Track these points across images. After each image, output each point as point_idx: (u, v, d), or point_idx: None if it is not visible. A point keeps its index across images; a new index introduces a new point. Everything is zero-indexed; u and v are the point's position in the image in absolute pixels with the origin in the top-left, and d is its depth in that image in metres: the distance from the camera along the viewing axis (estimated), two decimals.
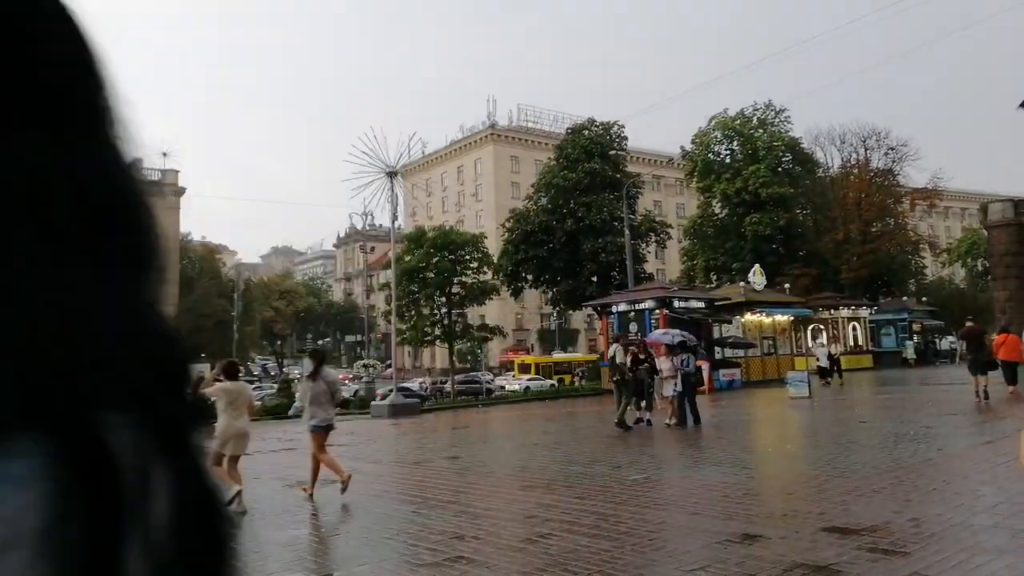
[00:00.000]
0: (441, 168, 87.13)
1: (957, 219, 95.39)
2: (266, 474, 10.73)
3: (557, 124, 72.14)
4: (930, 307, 45.49)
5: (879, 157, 48.75)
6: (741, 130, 46.28)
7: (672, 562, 4.89)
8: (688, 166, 49.02)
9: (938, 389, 20.66)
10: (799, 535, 5.39)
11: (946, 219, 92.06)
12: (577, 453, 11.30)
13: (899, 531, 5.33)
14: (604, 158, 42.84)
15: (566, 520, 6.36)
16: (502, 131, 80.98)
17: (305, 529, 6.59)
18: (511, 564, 5.10)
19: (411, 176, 63.11)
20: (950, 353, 45.08)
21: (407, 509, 7.42)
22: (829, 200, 46.98)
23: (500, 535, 6.02)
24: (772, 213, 43.39)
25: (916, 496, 6.58)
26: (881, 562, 4.60)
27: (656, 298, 26.55)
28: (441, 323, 31.49)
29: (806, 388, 18.77)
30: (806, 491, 7.00)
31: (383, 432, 17.61)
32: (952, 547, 4.82)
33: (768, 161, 44.44)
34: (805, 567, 4.56)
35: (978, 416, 13.30)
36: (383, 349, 68.49)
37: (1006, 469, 7.43)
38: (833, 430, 12.57)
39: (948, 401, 16.32)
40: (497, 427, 18.29)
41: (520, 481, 9.15)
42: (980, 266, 58.76)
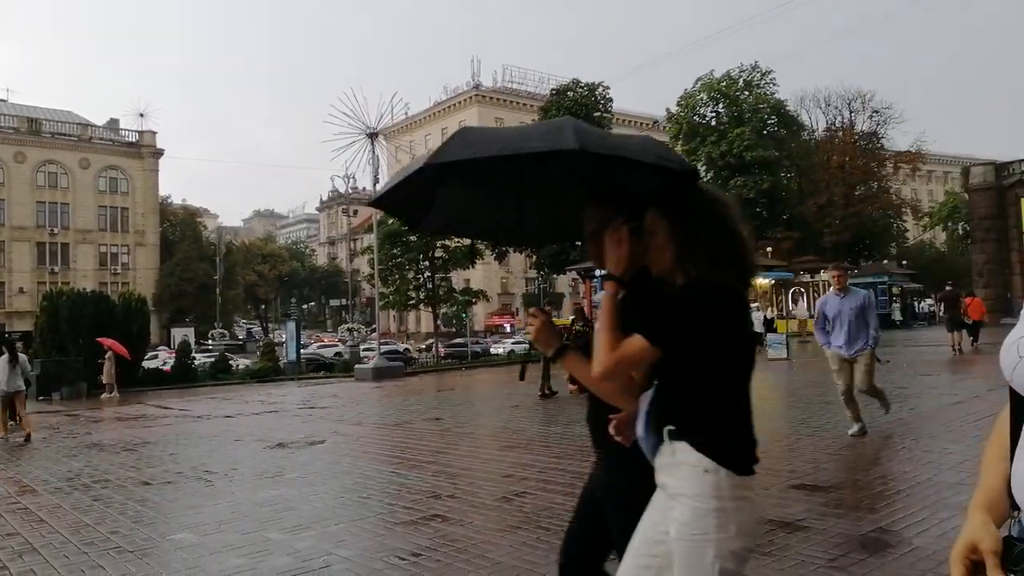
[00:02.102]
0: (424, 130, 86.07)
1: (940, 183, 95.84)
2: (247, 435, 10.77)
3: (542, 85, 71.32)
4: (910, 270, 45.98)
5: (864, 120, 48.73)
6: (727, 92, 45.98)
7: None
8: (673, 129, 48.72)
9: (915, 351, 20.98)
10: (769, 492, 5.48)
11: (929, 183, 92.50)
12: (556, 414, 11.40)
13: (867, 488, 5.44)
14: (589, 120, 42.44)
15: (542, 479, 6.44)
16: (486, 92, 79.95)
17: (283, 489, 6.62)
18: (485, 521, 5.17)
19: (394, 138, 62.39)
20: (928, 316, 45.79)
21: (386, 470, 7.49)
22: (813, 163, 47.02)
23: (476, 494, 6.08)
24: (756, 176, 43.39)
25: (886, 455, 6.71)
26: (847, 518, 4.70)
27: None
28: (425, 287, 31.43)
29: (784, 350, 19.01)
30: (778, 450, 7.11)
31: (366, 395, 17.68)
32: (917, 504, 4.92)
33: (753, 124, 44.29)
34: (773, 523, 4.64)
35: (951, 376, 13.55)
36: (368, 313, 68.38)
37: (975, 428, 7.59)
38: (808, 391, 12.73)
39: (923, 362, 16.60)
40: (480, 389, 18.40)
41: (499, 441, 9.24)
42: (961, 230, 59.28)
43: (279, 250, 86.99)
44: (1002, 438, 1.20)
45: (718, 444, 1.73)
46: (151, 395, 21.76)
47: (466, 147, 1.84)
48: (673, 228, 1.81)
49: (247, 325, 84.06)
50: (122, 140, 62.21)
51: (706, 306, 1.74)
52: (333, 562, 4.40)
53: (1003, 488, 1.14)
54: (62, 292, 26.54)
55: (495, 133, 1.98)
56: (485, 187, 2.18)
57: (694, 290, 1.76)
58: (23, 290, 55.46)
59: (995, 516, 1.15)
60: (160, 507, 6.31)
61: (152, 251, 61.04)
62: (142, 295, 29.53)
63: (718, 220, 1.83)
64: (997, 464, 1.19)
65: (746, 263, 1.84)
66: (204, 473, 7.74)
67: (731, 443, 1.75)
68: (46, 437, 12.18)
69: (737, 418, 1.80)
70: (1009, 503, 1.13)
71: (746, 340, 1.84)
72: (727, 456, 1.72)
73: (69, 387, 22.17)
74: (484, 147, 1.86)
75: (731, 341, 1.77)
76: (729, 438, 1.76)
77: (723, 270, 1.78)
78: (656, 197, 1.86)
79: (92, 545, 5.09)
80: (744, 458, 1.77)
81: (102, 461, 9.03)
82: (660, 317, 1.75)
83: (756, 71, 46.99)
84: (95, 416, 16.13)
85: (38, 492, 7.21)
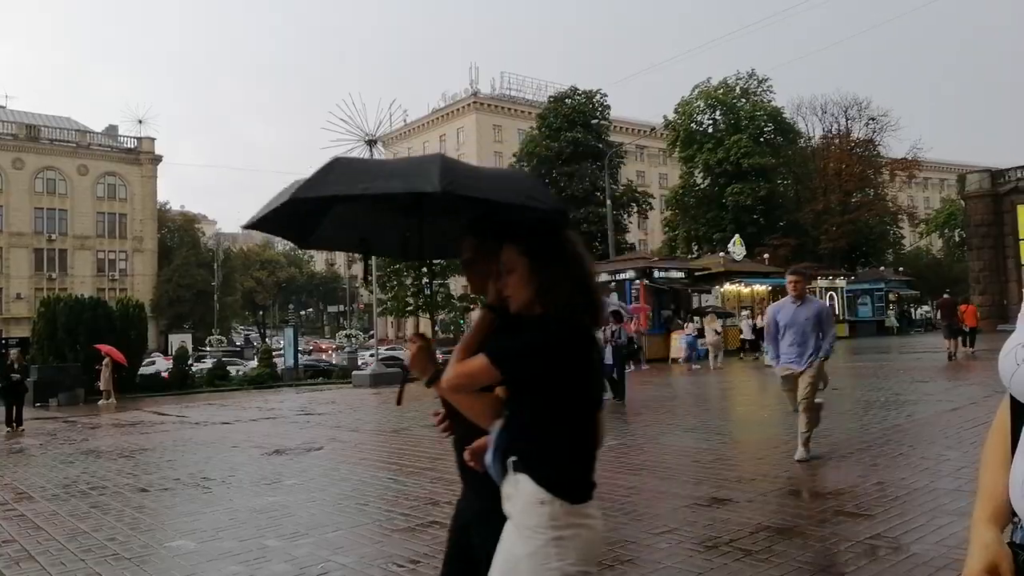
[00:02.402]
0: (423, 137, 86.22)
1: (936, 190, 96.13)
2: (245, 442, 10.75)
3: (540, 93, 71.45)
4: (907, 277, 46.07)
5: (860, 127, 48.95)
6: (724, 99, 46.17)
7: (641, 525, 4.97)
8: (671, 136, 48.92)
9: (911, 357, 21.03)
10: (766, 498, 5.49)
11: (925, 190, 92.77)
12: None
13: (864, 495, 5.45)
14: (586, 127, 42.66)
15: None
16: (484, 99, 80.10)
17: (280, 496, 6.61)
18: None
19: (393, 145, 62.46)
20: (924, 322, 45.87)
21: (384, 476, 7.48)
22: (810, 170, 47.19)
23: None
24: (753, 183, 43.52)
25: (883, 461, 6.71)
26: (845, 524, 4.70)
27: (636, 268, 26.66)
28: (422, 293, 31.43)
29: None
30: (776, 456, 7.12)
31: (364, 401, 17.65)
32: (915, 510, 4.93)
33: (750, 131, 44.46)
34: (770, 529, 4.65)
35: (947, 383, 13.57)
36: (366, 319, 68.31)
37: (972, 434, 7.60)
38: None
39: (920, 369, 16.63)
40: None
41: None
42: (957, 236, 59.42)
43: (277, 256, 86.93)
44: (1001, 445, 1.19)
45: (554, 476, 1.79)
46: (148, 401, 21.70)
47: (330, 183, 1.88)
48: (532, 267, 1.87)
49: (245, 331, 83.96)
50: (121, 147, 62.19)
51: (554, 340, 1.81)
52: (331, 569, 4.40)
53: (1007, 497, 1.13)
54: (60, 298, 26.51)
55: (364, 168, 1.98)
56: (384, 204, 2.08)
57: (545, 323, 1.83)
58: (20, 296, 55.36)
59: (1003, 526, 1.13)
60: (157, 514, 6.29)
61: (150, 257, 60.97)
62: (140, 301, 29.50)
63: (573, 261, 1.91)
64: (998, 472, 1.17)
65: (597, 302, 1.93)
66: (202, 480, 7.73)
67: (567, 475, 1.81)
68: (43, 443, 12.15)
69: (577, 451, 1.85)
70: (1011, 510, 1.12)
71: (592, 376, 1.90)
72: (562, 487, 1.79)
73: (66, 393, 22.10)
74: (348, 184, 1.89)
75: (576, 376, 1.83)
76: (566, 470, 1.81)
77: (577, 308, 1.85)
78: (514, 234, 1.91)
79: (89, 552, 5.08)
80: (579, 488, 1.83)
81: (99, 468, 9.01)
82: (506, 342, 1.84)
83: (753, 79, 47.23)
84: (92, 422, 16.09)
85: (35, 499, 7.18)
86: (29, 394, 18.71)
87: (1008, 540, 1.11)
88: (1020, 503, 1.10)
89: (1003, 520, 1.13)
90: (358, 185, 1.87)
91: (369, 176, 1.92)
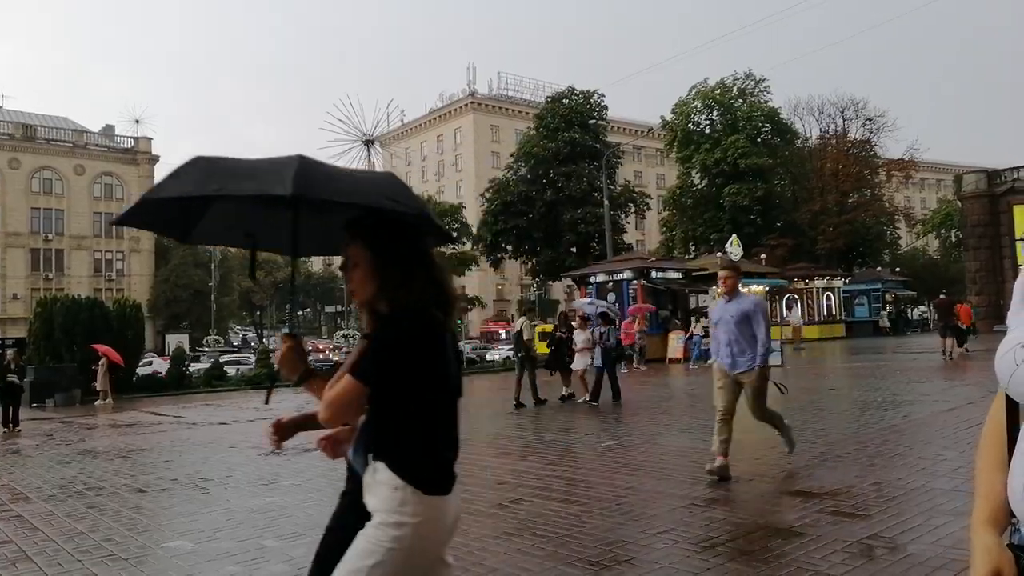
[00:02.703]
0: (420, 137, 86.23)
1: (932, 190, 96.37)
2: (242, 442, 10.74)
3: (537, 93, 71.51)
4: (903, 277, 46.16)
5: (857, 128, 49.09)
6: (721, 100, 46.24)
7: (638, 525, 4.98)
8: (668, 136, 48.98)
9: (907, 357, 21.07)
10: (763, 499, 5.50)
11: (922, 190, 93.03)
12: (552, 420, 11.40)
13: (861, 495, 5.45)
14: (584, 127, 42.66)
15: (537, 486, 6.44)
16: (482, 99, 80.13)
17: (278, 496, 6.61)
18: (480, 528, 5.16)
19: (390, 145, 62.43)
20: (921, 322, 45.97)
21: None
22: (807, 171, 47.28)
23: (471, 501, 6.08)
24: (750, 184, 43.58)
25: (880, 461, 6.73)
26: (842, 525, 4.71)
27: (634, 268, 26.68)
28: None
29: (779, 356, 19.03)
30: (773, 456, 7.13)
31: None
32: (912, 510, 4.94)
33: (747, 131, 44.53)
34: (767, 529, 4.66)
35: (943, 383, 13.60)
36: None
37: (968, 434, 7.62)
38: (803, 397, 12.76)
39: (916, 369, 16.67)
40: (475, 396, 18.40)
41: (494, 448, 9.24)
42: (954, 237, 59.57)
43: (275, 256, 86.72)
44: (996, 446, 1.19)
45: (409, 465, 1.83)
46: (145, 402, 21.66)
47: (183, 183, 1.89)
48: (375, 263, 1.91)
49: (243, 332, 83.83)
50: (117, 146, 62.10)
51: (404, 336, 1.84)
52: None
53: (1006, 499, 1.12)
54: (56, 298, 26.44)
55: (222, 167, 1.96)
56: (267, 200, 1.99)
57: (393, 320, 1.87)
58: (17, 296, 55.26)
59: (1003, 529, 1.13)
60: (155, 514, 6.29)
61: (147, 257, 60.86)
62: (137, 301, 29.42)
63: (419, 258, 1.94)
64: (995, 474, 1.16)
65: (446, 294, 1.96)
66: (199, 480, 7.72)
67: (423, 464, 1.85)
68: (39, 444, 12.13)
69: (432, 442, 1.89)
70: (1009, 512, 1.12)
71: (445, 367, 1.91)
72: (416, 476, 1.82)
73: (63, 394, 22.04)
74: (200, 185, 1.89)
75: (427, 369, 1.85)
76: (422, 460, 1.85)
77: (425, 303, 1.89)
78: (361, 230, 1.93)
79: (86, 553, 5.07)
80: (434, 479, 1.86)
81: (96, 468, 8.99)
82: (366, 355, 1.86)
83: (750, 79, 47.30)
84: (89, 423, 16.06)
85: (32, 499, 7.17)
86: (26, 395, 18.68)
87: (1008, 542, 1.11)
88: (1020, 506, 1.09)
89: (1003, 523, 1.13)
90: (211, 186, 1.88)
91: (224, 177, 1.91)
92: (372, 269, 1.91)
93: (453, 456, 1.95)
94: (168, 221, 2.27)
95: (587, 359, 13.24)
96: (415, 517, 1.81)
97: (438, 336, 1.88)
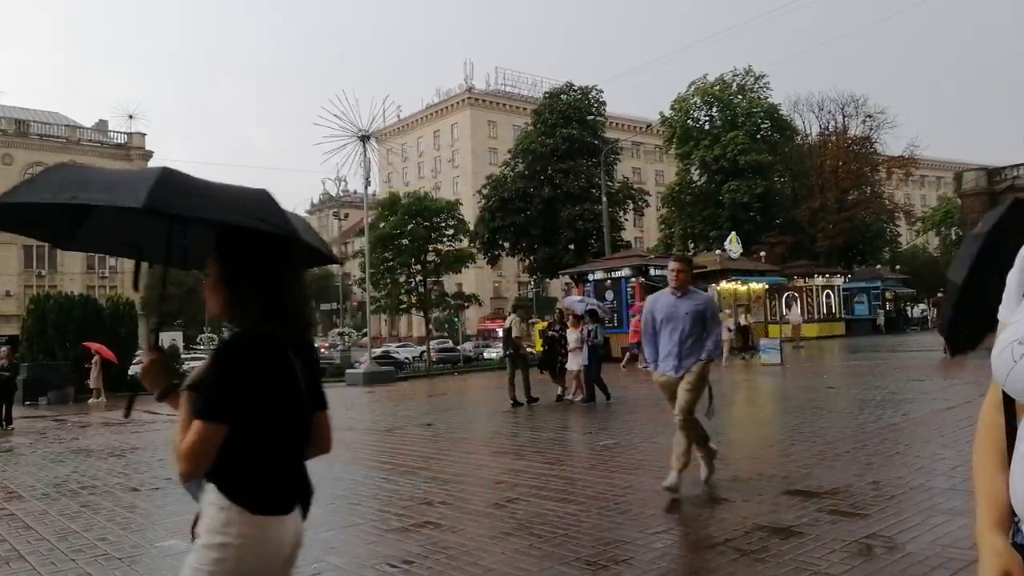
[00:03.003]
0: (417, 133, 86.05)
1: (932, 188, 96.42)
2: None
3: (535, 88, 71.31)
4: (903, 275, 46.15)
5: (857, 124, 49.00)
6: (720, 96, 46.18)
7: (636, 525, 4.94)
8: (667, 132, 48.89)
9: (907, 356, 21.07)
10: (762, 498, 5.47)
11: (922, 187, 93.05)
12: (549, 419, 11.37)
13: (860, 494, 5.42)
14: (582, 123, 42.55)
15: (534, 485, 6.41)
16: (479, 95, 79.94)
17: None
18: (477, 528, 5.13)
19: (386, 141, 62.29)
20: (921, 320, 46.00)
21: (377, 476, 7.44)
22: (807, 168, 47.21)
23: (468, 500, 6.05)
24: (750, 180, 43.53)
25: (878, 460, 6.70)
26: (840, 524, 4.68)
27: (632, 266, 26.65)
28: (416, 291, 31.36)
29: (778, 355, 19.03)
30: (771, 455, 7.10)
31: (357, 400, 17.61)
32: (910, 509, 4.91)
33: (747, 128, 44.47)
34: (766, 529, 4.63)
35: (943, 381, 13.58)
36: (359, 317, 68.22)
37: (967, 433, 7.59)
38: (802, 396, 12.76)
39: (915, 367, 16.66)
40: (472, 395, 18.37)
41: (491, 447, 9.21)
42: (954, 235, 59.61)
43: None
44: (994, 447, 1.18)
45: (235, 484, 1.78)
46: (139, 400, 21.57)
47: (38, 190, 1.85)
48: (222, 278, 1.88)
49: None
50: (111, 142, 61.89)
51: (232, 355, 1.80)
52: (324, 569, 4.36)
53: (1007, 499, 1.12)
54: (49, 296, 26.38)
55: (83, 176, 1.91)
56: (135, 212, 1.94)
57: (225, 343, 1.85)
58: (10, 293, 55.11)
59: (1008, 530, 1.12)
60: (148, 513, 6.24)
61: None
62: (130, 299, 29.36)
63: (269, 273, 1.89)
64: (996, 475, 1.16)
65: (291, 312, 1.90)
66: None
67: (249, 483, 1.80)
68: (33, 442, 12.07)
69: (262, 461, 1.83)
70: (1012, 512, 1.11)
71: (286, 385, 1.85)
72: (243, 495, 1.78)
73: (56, 392, 22.01)
74: (56, 192, 1.85)
75: (258, 388, 1.80)
76: (247, 479, 1.80)
77: (266, 319, 1.84)
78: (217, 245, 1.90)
79: (80, 552, 5.03)
80: (264, 499, 1.81)
81: (89, 467, 8.95)
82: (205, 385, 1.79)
83: (750, 75, 47.23)
84: (82, 421, 16.01)
85: (25, 498, 7.13)
86: (18, 392, 18.61)
87: (1011, 542, 1.10)
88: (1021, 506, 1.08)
89: (1007, 524, 1.12)
90: (65, 193, 1.84)
91: (79, 186, 1.87)
92: (218, 285, 1.89)
93: (293, 475, 1.90)
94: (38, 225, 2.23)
95: (581, 358, 13.19)
96: (239, 538, 1.75)
97: (275, 355, 1.82)
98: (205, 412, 1.75)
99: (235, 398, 1.76)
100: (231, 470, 1.78)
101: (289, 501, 1.88)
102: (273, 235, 1.85)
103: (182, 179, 1.84)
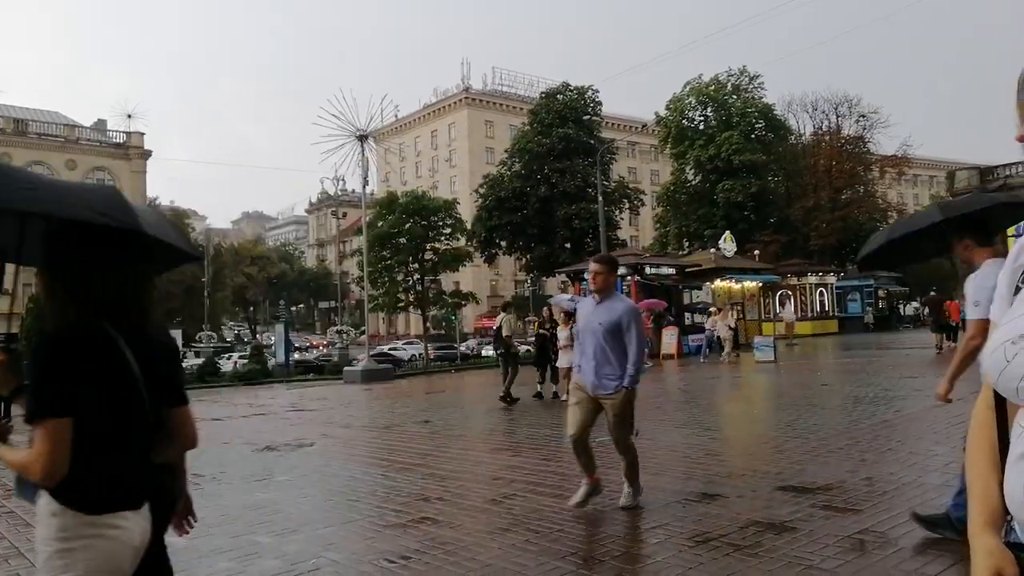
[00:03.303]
0: (415, 132, 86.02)
1: (925, 187, 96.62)
2: (236, 439, 10.71)
3: (532, 88, 71.34)
4: (896, 274, 46.28)
5: (850, 124, 49.11)
6: (715, 96, 46.24)
7: (631, 520, 5.00)
8: (662, 132, 48.94)
9: (900, 353, 21.17)
10: (756, 494, 5.53)
11: (915, 186, 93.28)
12: (546, 416, 11.41)
13: (853, 490, 5.49)
14: (578, 123, 42.65)
15: (531, 481, 6.46)
16: (476, 95, 79.93)
17: (271, 492, 6.60)
18: (475, 524, 5.17)
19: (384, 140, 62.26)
20: (913, 319, 46.18)
21: (375, 472, 7.48)
22: (800, 167, 47.33)
23: (466, 496, 6.09)
24: (744, 180, 43.61)
25: (871, 456, 6.76)
26: (834, 519, 4.74)
27: (628, 265, 26.67)
28: (414, 289, 31.38)
29: (772, 352, 19.12)
30: (765, 452, 7.16)
31: (356, 397, 17.63)
32: (903, 505, 4.97)
33: (741, 128, 44.53)
34: (760, 524, 4.68)
35: (935, 378, 13.63)
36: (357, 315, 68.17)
37: (960, 430, 7.64)
38: (795, 393, 12.83)
39: (908, 364, 16.76)
40: (470, 392, 18.41)
41: (488, 444, 9.26)
42: None
43: (268, 252, 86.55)
44: (986, 446, 1.18)
45: (66, 487, 1.72)
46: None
47: None
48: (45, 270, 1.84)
49: (236, 327, 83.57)
50: (109, 141, 61.71)
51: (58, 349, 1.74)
52: (322, 565, 4.40)
53: (1000, 499, 1.12)
54: None
55: None
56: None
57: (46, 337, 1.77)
58: (8, 291, 54.90)
59: (1000, 529, 1.13)
60: None
61: None
62: None
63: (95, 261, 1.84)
64: (989, 474, 1.16)
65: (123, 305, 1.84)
66: (192, 476, 7.63)
67: (79, 485, 1.73)
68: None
69: (93, 459, 1.75)
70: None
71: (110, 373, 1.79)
72: (74, 498, 1.72)
73: None
74: None
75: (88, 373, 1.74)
76: (82, 480, 1.73)
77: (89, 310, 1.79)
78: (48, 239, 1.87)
79: None
80: (96, 498, 1.75)
81: None
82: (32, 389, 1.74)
83: (744, 75, 47.30)
84: None
85: None
86: None
87: (1004, 541, 1.11)
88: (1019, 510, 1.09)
89: (999, 523, 1.12)
90: None
91: None
92: (42, 276, 1.85)
93: (137, 470, 1.83)
94: None
95: (571, 356, 13.18)
96: (79, 541, 1.70)
97: (97, 343, 1.77)
98: (40, 412, 1.69)
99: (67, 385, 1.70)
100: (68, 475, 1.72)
101: (131, 497, 1.81)
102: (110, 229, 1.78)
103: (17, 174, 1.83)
